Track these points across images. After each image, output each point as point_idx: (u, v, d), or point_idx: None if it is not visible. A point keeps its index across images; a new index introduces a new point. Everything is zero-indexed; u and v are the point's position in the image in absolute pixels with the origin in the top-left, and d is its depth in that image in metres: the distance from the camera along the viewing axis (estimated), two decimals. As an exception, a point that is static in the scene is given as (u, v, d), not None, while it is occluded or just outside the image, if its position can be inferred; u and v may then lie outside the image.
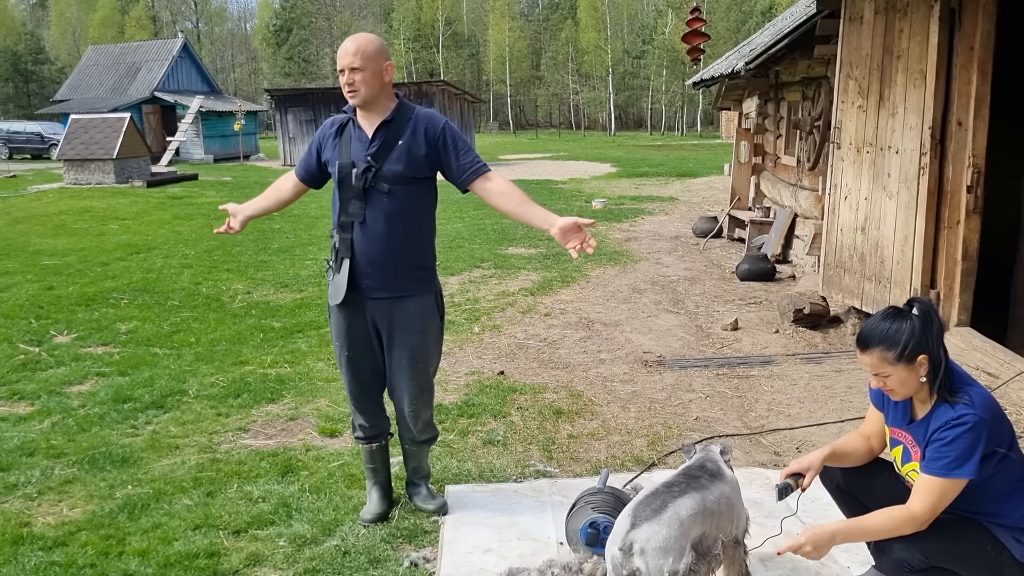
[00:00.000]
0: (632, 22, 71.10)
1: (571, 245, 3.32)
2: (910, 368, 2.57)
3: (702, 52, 9.25)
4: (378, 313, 3.53)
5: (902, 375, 2.59)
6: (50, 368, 6.16)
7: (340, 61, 3.40)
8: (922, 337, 2.55)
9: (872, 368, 2.63)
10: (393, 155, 3.43)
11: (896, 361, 2.57)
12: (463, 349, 6.55)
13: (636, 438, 4.73)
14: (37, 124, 39.61)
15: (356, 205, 3.45)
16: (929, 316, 2.59)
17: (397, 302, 3.51)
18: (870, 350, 2.60)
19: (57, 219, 15.02)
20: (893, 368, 2.58)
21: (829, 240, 7.10)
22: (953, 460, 2.50)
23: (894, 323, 2.58)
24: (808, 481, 2.84)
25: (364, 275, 3.47)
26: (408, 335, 3.54)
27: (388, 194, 3.43)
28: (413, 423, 3.68)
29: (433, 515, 3.76)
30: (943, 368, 2.57)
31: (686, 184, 21.22)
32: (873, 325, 2.62)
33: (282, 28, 73.57)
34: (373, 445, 3.77)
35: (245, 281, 9.31)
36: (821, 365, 6.08)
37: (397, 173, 3.42)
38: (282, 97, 33.55)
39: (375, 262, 3.46)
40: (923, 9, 5.77)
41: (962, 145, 5.67)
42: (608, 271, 9.67)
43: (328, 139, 3.57)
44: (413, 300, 3.54)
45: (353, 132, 3.51)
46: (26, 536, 3.63)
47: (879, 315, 2.66)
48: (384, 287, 3.49)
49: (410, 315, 3.53)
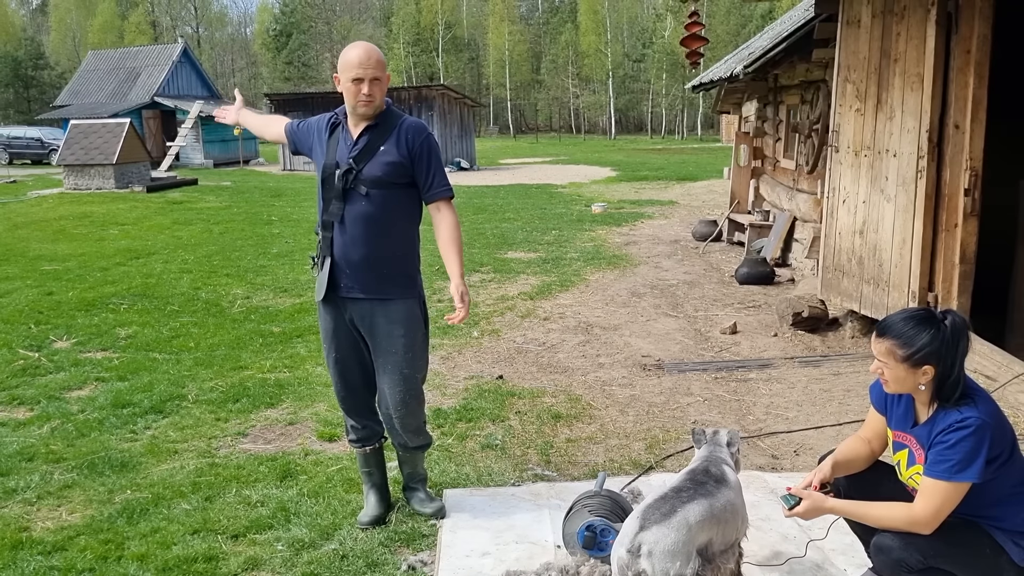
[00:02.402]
0: (632, 26, 71.23)
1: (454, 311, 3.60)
2: (912, 372, 2.58)
3: (701, 56, 9.25)
4: (358, 314, 3.55)
5: (901, 374, 2.60)
6: (49, 373, 6.17)
7: (358, 71, 3.38)
8: (939, 350, 2.55)
9: (878, 354, 2.65)
10: (374, 159, 3.47)
11: (902, 360, 2.58)
12: (462, 353, 6.56)
13: (634, 442, 4.73)
14: (37, 129, 39.61)
15: (336, 205, 3.48)
16: (958, 334, 2.58)
17: (378, 305, 3.53)
18: (884, 338, 2.62)
19: (57, 224, 15.03)
20: (896, 365, 2.60)
21: (828, 243, 7.11)
22: (957, 463, 2.50)
23: (919, 326, 2.58)
24: (814, 479, 2.83)
25: (343, 274, 3.52)
26: (391, 340, 3.54)
27: (366, 197, 3.46)
28: (402, 430, 3.67)
29: (431, 519, 3.76)
30: (951, 384, 2.57)
31: (686, 188, 21.24)
32: (899, 319, 2.63)
33: (282, 33, 73.74)
34: (366, 448, 3.78)
35: (244, 286, 9.32)
36: (819, 368, 6.08)
37: (375, 177, 3.46)
38: (282, 102, 33.61)
39: (352, 263, 3.49)
40: (920, 13, 5.78)
41: (959, 148, 5.68)
42: (607, 275, 9.68)
43: (321, 134, 3.61)
44: (395, 304, 3.54)
45: (341, 134, 3.55)
46: (25, 541, 3.63)
47: (911, 312, 2.66)
48: (362, 288, 3.51)
49: (392, 319, 3.54)
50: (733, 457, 3.11)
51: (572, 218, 15.25)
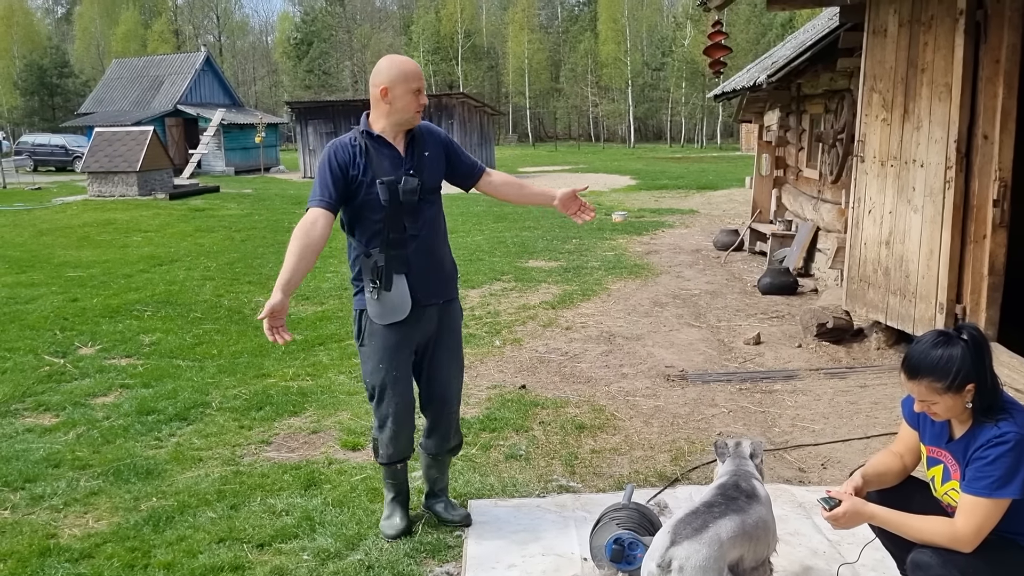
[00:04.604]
0: (651, 34, 71.14)
1: (571, 211, 3.75)
2: (958, 396, 2.55)
3: (724, 65, 9.22)
4: (428, 321, 3.58)
5: (949, 403, 2.57)
6: (75, 380, 6.21)
7: (420, 81, 3.46)
8: (972, 366, 2.52)
9: (919, 396, 2.60)
10: (429, 166, 3.55)
11: (945, 391, 2.54)
12: (484, 363, 6.55)
13: (659, 453, 4.70)
14: (62, 137, 40.14)
15: (410, 219, 3.49)
16: (980, 344, 2.54)
17: (446, 306, 3.66)
18: (919, 379, 2.57)
19: (81, 231, 15.18)
20: (941, 397, 2.55)
21: (853, 254, 7.05)
22: (997, 479, 2.46)
23: (944, 351, 2.54)
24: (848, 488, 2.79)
25: (421, 286, 3.51)
26: (452, 336, 3.69)
27: (431, 204, 3.57)
28: (452, 426, 3.77)
29: (458, 526, 3.76)
30: (990, 393, 2.54)
31: (706, 197, 21.15)
32: (922, 353, 2.58)
33: (303, 41, 74.19)
34: (399, 465, 3.77)
35: (266, 293, 9.27)
36: (845, 380, 6.03)
37: (436, 182, 3.60)
38: (302, 109, 33.84)
39: (431, 269, 3.57)
40: (948, 22, 5.74)
41: (988, 159, 5.62)
42: (629, 284, 9.65)
43: (353, 161, 3.45)
44: (455, 303, 3.73)
45: (378, 150, 3.47)
46: (53, 548, 3.65)
47: (928, 341, 2.60)
48: (439, 293, 3.61)
49: (455, 316, 3.72)
50: (757, 468, 3.09)
51: (592, 227, 15.20)
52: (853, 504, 2.67)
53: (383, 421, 3.63)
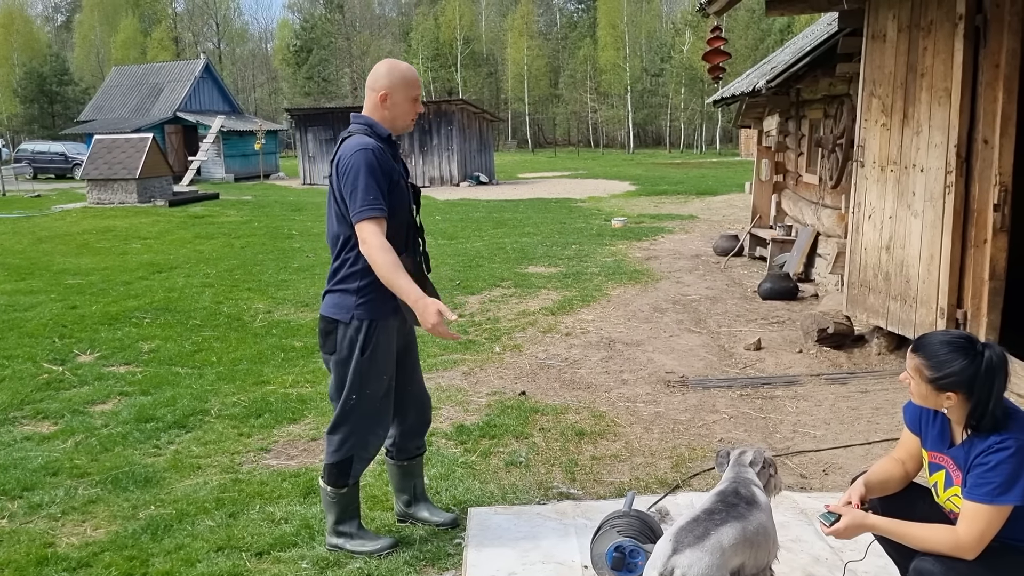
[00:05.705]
0: (650, 40, 71.22)
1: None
2: (936, 394, 2.56)
3: (723, 71, 9.21)
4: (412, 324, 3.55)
5: (924, 392, 2.59)
6: (73, 387, 6.19)
7: (420, 89, 3.50)
8: (969, 381, 2.50)
9: (908, 368, 2.63)
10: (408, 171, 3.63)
11: (927, 381, 2.56)
12: (484, 369, 6.53)
13: (660, 459, 4.68)
14: (61, 144, 40.16)
15: (418, 219, 3.59)
16: (994, 370, 2.51)
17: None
18: (916, 355, 2.60)
19: (80, 238, 15.17)
20: (922, 383, 2.58)
21: (853, 259, 7.04)
22: (998, 486, 2.45)
23: (953, 352, 2.53)
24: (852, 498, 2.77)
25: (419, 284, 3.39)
26: (414, 337, 3.73)
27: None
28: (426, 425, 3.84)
29: (448, 527, 3.79)
30: (980, 415, 2.51)
31: (706, 202, 21.16)
32: (936, 340, 2.59)
33: (302, 48, 74.29)
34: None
35: (266, 300, 9.35)
36: (846, 386, 6.01)
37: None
38: (302, 116, 33.85)
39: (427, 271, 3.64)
40: (947, 27, 5.73)
41: (988, 163, 5.61)
42: (629, 290, 9.63)
43: (390, 164, 3.39)
44: None
45: (393, 153, 3.48)
46: (50, 556, 3.63)
47: (952, 336, 2.60)
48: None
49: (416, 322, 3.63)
50: (763, 478, 3.06)
51: (592, 232, 15.21)
52: (853, 518, 2.65)
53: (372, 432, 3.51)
